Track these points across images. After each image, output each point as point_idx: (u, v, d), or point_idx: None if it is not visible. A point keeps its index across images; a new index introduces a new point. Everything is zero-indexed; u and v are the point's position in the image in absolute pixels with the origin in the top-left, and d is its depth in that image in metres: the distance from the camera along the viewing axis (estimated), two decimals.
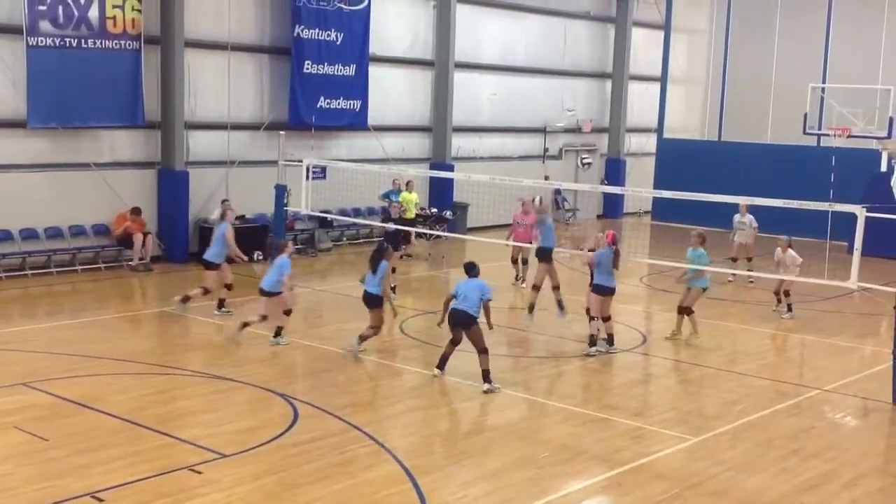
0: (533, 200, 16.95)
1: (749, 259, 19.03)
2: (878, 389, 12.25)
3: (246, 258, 15.89)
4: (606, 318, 13.76)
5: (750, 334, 15.59)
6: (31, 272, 17.87)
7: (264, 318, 13.58)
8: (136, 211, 19.05)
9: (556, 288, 15.16)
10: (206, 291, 14.97)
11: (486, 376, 11.87)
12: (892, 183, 22.77)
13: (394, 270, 17.55)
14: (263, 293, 13.61)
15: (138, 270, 18.74)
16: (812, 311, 16.93)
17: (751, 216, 18.92)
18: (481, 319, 11.96)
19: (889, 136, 22.71)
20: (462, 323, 11.94)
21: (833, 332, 15.71)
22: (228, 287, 15.27)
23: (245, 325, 13.57)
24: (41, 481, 8.55)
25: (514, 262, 18.59)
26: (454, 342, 12.20)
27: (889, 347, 12.24)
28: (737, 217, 19.06)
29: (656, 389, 12.66)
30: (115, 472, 8.80)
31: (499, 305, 15.83)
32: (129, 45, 18.68)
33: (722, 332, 15.59)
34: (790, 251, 16.04)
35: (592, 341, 13.63)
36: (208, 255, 15.24)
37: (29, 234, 18.11)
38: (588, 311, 13.93)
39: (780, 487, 9.14)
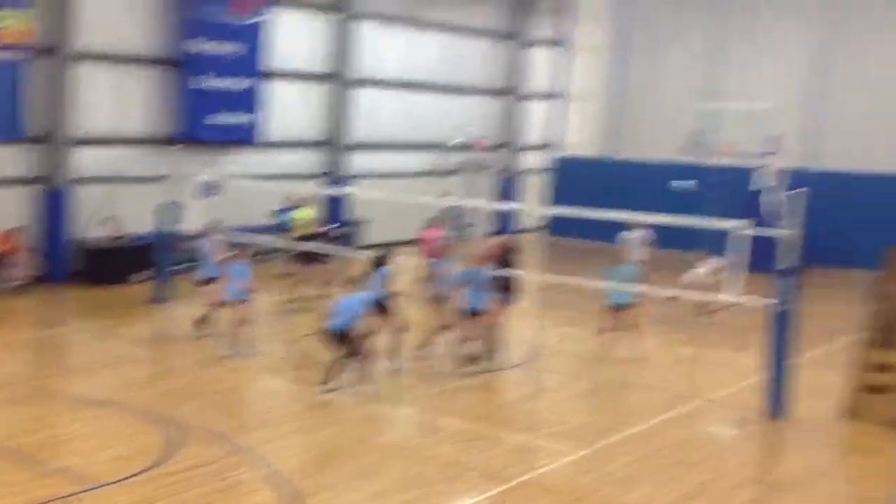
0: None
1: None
2: (755, 400, 12.61)
3: None
4: (481, 336, 13.60)
5: (638, 349, 15.81)
6: None
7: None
8: (14, 230, 18.33)
9: (441, 328, 14.16)
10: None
11: (354, 380, 12.13)
12: (771, 200, 23.63)
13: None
14: (224, 304, 14.00)
15: (15, 292, 18.01)
16: (694, 326, 17.24)
17: (643, 232, 19.08)
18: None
19: (774, 154, 23.54)
20: (337, 339, 12.12)
21: (714, 345, 16.13)
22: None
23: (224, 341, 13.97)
24: None
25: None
26: (349, 354, 12.24)
27: (764, 359, 12.64)
28: (625, 233, 18.95)
29: (546, 404, 12.79)
30: None
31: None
32: (15, 56, 18.01)
33: (610, 346, 15.86)
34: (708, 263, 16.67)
35: (468, 360, 13.48)
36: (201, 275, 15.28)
37: None
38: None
39: (664, 498, 9.34)
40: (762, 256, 15.62)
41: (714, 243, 17.34)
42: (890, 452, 11.07)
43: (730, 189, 22.90)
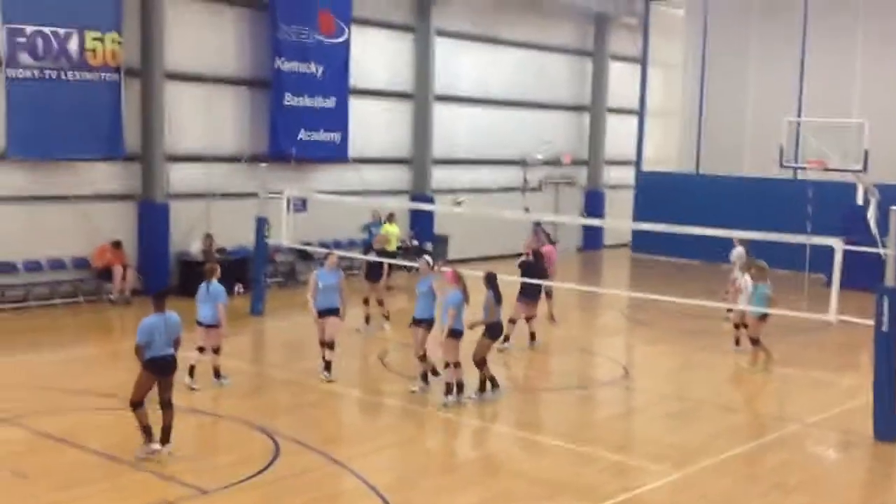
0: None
1: None
2: (859, 423, 12.23)
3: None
4: (457, 364, 12.43)
5: (731, 368, 15.57)
6: (9, 306, 17.68)
7: (201, 350, 12.93)
8: (116, 244, 18.93)
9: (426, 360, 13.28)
10: None
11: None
12: (867, 216, 23.00)
13: (380, 303, 17.45)
14: (201, 325, 12.86)
15: (118, 304, 18.59)
16: (791, 345, 16.89)
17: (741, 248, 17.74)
18: None
19: (864, 170, 22.93)
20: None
21: (813, 366, 15.75)
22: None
23: (192, 367, 12.85)
24: None
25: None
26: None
27: (869, 381, 12.30)
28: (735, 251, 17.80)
29: (639, 423, 12.66)
30: None
31: None
32: (109, 76, 18.65)
33: (704, 366, 15.63)
34: (747, 276, 15.51)
35: (448, 389, 12.46)
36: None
37: (6, 269, 17.94)
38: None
39: None
40: (852, 273, 15.18)
41: (807, 260, 17.08)
42: None
43: (824, 205, 22.40)
